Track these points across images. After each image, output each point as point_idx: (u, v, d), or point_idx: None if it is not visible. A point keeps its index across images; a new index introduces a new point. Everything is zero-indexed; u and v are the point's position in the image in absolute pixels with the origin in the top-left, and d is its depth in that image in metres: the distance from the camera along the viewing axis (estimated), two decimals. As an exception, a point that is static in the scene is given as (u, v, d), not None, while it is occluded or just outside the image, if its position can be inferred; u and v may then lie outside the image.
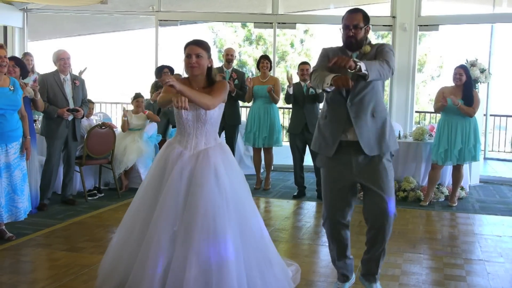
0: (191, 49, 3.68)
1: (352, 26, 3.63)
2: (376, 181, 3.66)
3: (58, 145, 6.71)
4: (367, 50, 3.67)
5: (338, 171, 3.76)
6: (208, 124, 3.73)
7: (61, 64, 6.68)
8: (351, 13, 3.69)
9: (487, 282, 4.38)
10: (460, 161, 7.12)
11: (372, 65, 3.39)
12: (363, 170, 3.70)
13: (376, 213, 3.67)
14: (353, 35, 3.64)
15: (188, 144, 3.72)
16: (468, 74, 7.09)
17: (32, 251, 5.01)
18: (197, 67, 3.67)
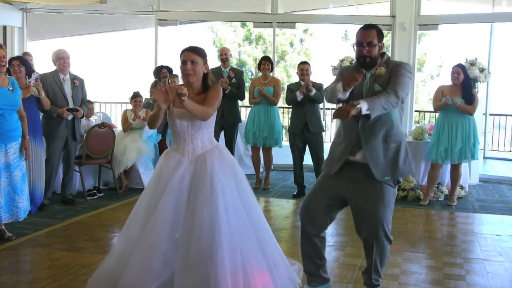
0: (186, 56, 3.67)
1: (366, 44, 3.51)
2: (373, 204, 3.54)
3: (58, 145, 6.71)
4: (382, 72, 3.52)
5: (335, 180, 3.66)
6: (203, 128, 3.73)
7: (61, 63, 6.68)
8: (365, 30, 3.55)
9: (486, 281, 4.38)
10: (460, 160, 7.12)
11: (376, 102, 3.28)
12: (361, 191, 3.57)
13: (366, 233, 3.59)
14: (366, 53, 3.51)
15: (185, 151, 3.72)
16: (466, 73, 7.09)
17: (31, 251, 5.01)
18: (192, 74, 3.66)
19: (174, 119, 3.72)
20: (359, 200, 3.59)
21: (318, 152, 7.53)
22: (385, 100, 3.32)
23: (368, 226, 3.57)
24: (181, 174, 3.62)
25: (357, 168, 3.58)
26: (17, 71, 6.10)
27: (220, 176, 3.60)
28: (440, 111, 7.21)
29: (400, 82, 3.43)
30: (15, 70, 6.09)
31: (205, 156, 3.67)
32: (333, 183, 3.67)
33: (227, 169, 3.70)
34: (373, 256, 3.60)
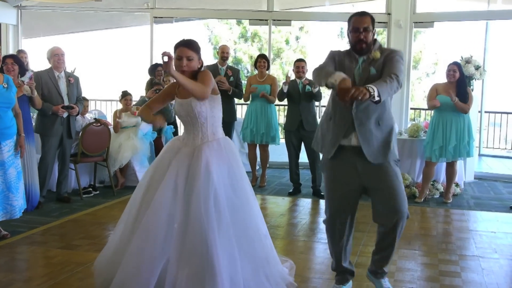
0: (181, 51, 3.66)
1: (363, 29, 3.53)
2: (386, 181, 3.56)
3: (53, 143, 6.69)
4: (377, 56, 3.55)
5: (344, 174, 3.65)
6: (202, 118, 3.72)
7: (55, 60, 6.66)
8: (360, 16, 3.58)
9: (481, 278, 4.40)
10: (455, 158, 7.14)
11: (383, 88, 3.26)
12: (370, 173, 3.59)
13: (388, 213, 3.57)
14: (363, 38, 3.53)
15: (187, 140, 3.77)
16: (461, 71, 7.10)
17: (27, 249, 5.00)
18: (187, 70, 3.67)
19: (176, 110, 3.82)
20: (373, 182, 3.60)
21: (316, 135, 7.53)
22: (390, 85, 3.33)
23: (391, 204, 3.56)
24: (177, 163, 3.63)
25: (357, 153, 3.58)
26: (11, 69, 6.08)
27: (215, 166, 3.58)
28: (435, 110, 7.22)
29: (398, 67, 3.47)
30: (8, 68, 6.07)
31: (202, 147, 3.67)
32: (343, 176, 3.66)
33: (224, 161, 3.68)
34: (396, 236, 3.62)
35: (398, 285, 4.20)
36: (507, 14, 9.71)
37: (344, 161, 3.64)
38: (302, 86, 7.44)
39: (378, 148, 3.56)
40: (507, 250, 5.24)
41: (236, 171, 3.75)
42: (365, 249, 5.03)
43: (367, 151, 3.53)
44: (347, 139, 3.60)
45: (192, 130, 3.75)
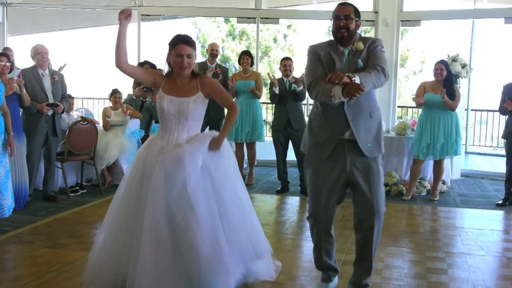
0: (183, 49, 3.66)
1: (344, 17, 3.51)
2: (369, 181, 3.58)
3: (38, 141, 6.64)
4: (360, 47, 3.53)
5: (330, 168, 3.62)
6: (190, 119, 3.74)
7: (39, 58, 6.61)
8: (342, 5, 3.58)
9: (468, 275, 4.43)
10: (442, 156, 7.18)
11: (367, 77, 3.28)
12: (357, 168, 3.59)
13: (366, 211, 3.60)
14: (344, 25, 3.50)
15: (169, 140, 3.74)
16: (449, 69, 7.15)
17: (13, 248, 4.97)
18: (187, 67, 3.69)
19: (163, 106, 3.74)
20: (358, 179, 3.59)
21: (303, 135, 7.55)
22: (376, 77, 3.34)
23: (367, 206, 3.59)
24: (163, 160, 3.62)
25: (347, 146, 3.57)
26: (5, 68, 6.04)
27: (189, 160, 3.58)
28: (423, 107, 7.26)
29: (382, 58, 3.50)
30: (2, 67, 6.01)
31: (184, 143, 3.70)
32: (330, 170, 3.63)
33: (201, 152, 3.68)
34: (373, 237, 3.64)
35: (386, 282, 4.22)
36: (493, 12, 9.78)
37: (333, 156, 3.61)
38: (289, 84, 7.45)
39: (372, 141, 3.57)
40: (493, 247, 5.29)
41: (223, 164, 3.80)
42: (352, 246, 5.03)
43: (362, 145, 3.53)
44: (342, 136, 3.58)
45: (177, 129, 3.74)
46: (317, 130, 3.68)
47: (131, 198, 3.70)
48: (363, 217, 3.64)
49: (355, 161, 3.59)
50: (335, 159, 3.61)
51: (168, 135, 3.75)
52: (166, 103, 3.73)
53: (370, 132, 3.58)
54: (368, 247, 3.69)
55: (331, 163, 3.62)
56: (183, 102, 3.71)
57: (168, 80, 3.82)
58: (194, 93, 3.77)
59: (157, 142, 3.76)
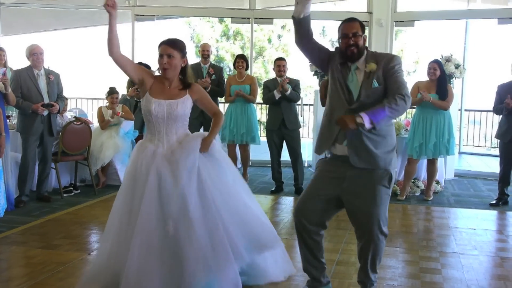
0: (163, 49, 3.71)
1: (352, 34, 3.47)
2: (366, 202, 3.46)
3: (33, 141, 6.62)
4: (373, 67, 3.45)
5: (331, 175, 3.56)
6: (179, 121, 3.77)
7: (34, 59, 6.58)
8: (349, 22, 3.53)
9: (461, 275, 4.44)
10: (435, 155, 7.20)
11: (378, 110, 3.28)
12: (354, 189, 3.48)
13: (362, 234, 3.51)
14: (353, 43, 3.46)
15: (160, 143, 3.75)
16: (442, 69, 7.17)
17: (7, 249, 4.94)
18: (168, 68, 3.70)
19: (150, 110, 3.73)
20: (354, 199, 3.51)
21: (295, 148, 7.57)
22: (389, 109, 3.30)
23: (364, 225, 3.50)
24: (156, 167, 3.62)
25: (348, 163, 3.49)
26: None
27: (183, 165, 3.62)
28: (416, 107, 7.28)
29: (403, 82, 3.45)
30: None
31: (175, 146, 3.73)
32: (327, 183, 3.58)
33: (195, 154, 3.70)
34: (370, 254, 3.55)
35: (380, 282, 4.22)
36: (486, 13, 9.83)
37: (335, 169, 3.56)
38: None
39: (367, 156, 3.45)
40: (487, 247, 5.30)
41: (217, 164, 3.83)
42: (346, 246, 5.06)
43: (352, 157, 3.45)
44: (338, 146, 3.54)
45: (166, 132, 3.75)
46: (322, 127, 3.67)
47: (125, 204, 3.70)
48: (360, 238, 3.57)
49: (354, 180, 3.48)
50: (336, 172, 3.55)
51: (157, 138, 3.76)
52: (154, 106, 3.72)
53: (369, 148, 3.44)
54: (365, 262, 3.61)
55: (333, 171, 3.57)
56: (172, 104, 3.73)
57: (157, 82, 3.81)
58: (182, 95, 3.80)
59: (147, 146, 3.76)
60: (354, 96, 3.48)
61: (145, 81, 3.80)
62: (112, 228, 3.77)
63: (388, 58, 3.52)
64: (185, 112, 3.79)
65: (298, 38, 3.54)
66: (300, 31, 3.50)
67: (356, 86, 3.50)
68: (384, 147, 3.49)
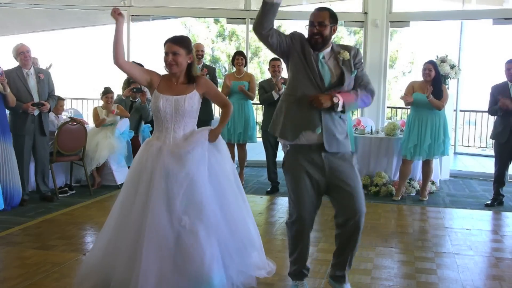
0: (168, 47, 3.74)
1: (317, 23, 3.54)
2: (349, 183, 3.56)
3: (26, 141, 6.60)
4: (347, 56, 3.57)
5: (310, 172, 3.58)
6: (187, 117, 3.77)
7: (22, 58, 6.56)
8: (318, 11, 3.61)
9: (457, 275, 4.45)
10: (430, 156, 7.22)
11: (352, 102, 3.49)
12: (335, 171, 3.57)
13: (350, 212, 3.55)
14: (317, 32, 3.54)
15: (166, 139, 3.76)
16: (437, 69, 7.18)
17: (2, 249, 4.93)
18: (174, 65, 3.73)
19: (158, 106, 3.75)
20: (339, 181, 3.57)
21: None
22: (361, 100, 3.54)
23: (352, 204, 3.54)
24: (162, 163, 3.63)
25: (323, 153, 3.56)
26: None
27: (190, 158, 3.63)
28: (411, 107, 7.29)
29: (368, 77, 3.67)
30: None
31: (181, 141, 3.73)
32: (311, 181, 3.60)
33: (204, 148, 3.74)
34: (355, 236, 3.59)
35: (375, 282, 4.23)
36: (481, 14, 9.85)
37: (308, 159, 3.59)
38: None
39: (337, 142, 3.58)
40: (482, 247, 5.32)
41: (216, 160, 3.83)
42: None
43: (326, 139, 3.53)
44: (311, 133, 3.57)
45: (173, 128, 3.76)
46: (289, 110, 3.73)
47: (127, 202, 3.69)
48: (348, 217, 3.57)
49: (332, 165, 3.57)
50: (313, 161, 3.59)
51: (165, 135, 3.77)
52: (162, 102, 3.74)
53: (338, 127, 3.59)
54: (350, 246, 3.66)
55: (309, 166, 3.59)
56: (179, 100, 3.74)
57: (164, 79, 3.85)
58: (190, 91, 3.81)
59: (154, 143, 3.77)
60: (325, 82, 3.55)
61: (153, 81, 3.84)
62: (109, 226, 3.76)
63: (355, 50, 3.67)
64: (193, 108, 3.79)
65: (264, 24, 3.60)
66: (268, 16, 3.55)
67: (327, 73, 3.58)
68: (344, 131, 3.65)
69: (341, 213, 3.62)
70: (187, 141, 3.73)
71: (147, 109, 8.18)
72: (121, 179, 7.74)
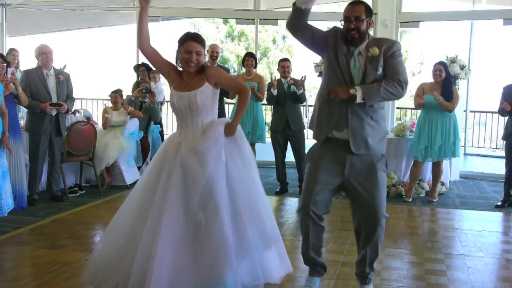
0: (192, 46, 3.67)
1: (354, 18, 3.43)
2: (369, 188, 3.52)
3: (42, 140, 6.64)
4: (375, 52, 3.46)
5: (331, 164, 3.57)
6: (202, 111, 3.74)
7: (43, 58, 6.61)
8: (353, 5, 3.49)
9: (467, 277, 4.43)
10: (440, 158, 7.18)
11: (373, 91, 3.38)
12: (357, 174, 3.54)
13: (367, 220, 3.54)
14: (354, 27, 3.43)
15: (186, 135, 3.74)
16: (447, 70, 7.15)
17: (12, 248, 4.96)
18: (196, 64, 3.70)
19: (173, 103, 3.76)
20: (358, 185, 3.55)
21: (300, 149, 7.55)
22: (385, 90, 3.39)
23: (369, 209, 3.53)
24: (180, 159, 3.61)
25: (348, 148, 3.53)
26: (1, 68, 6.04)
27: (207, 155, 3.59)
28: (421, 109, 7.27)
29: (401, 68, 3.49)
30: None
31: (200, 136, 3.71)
32: (329, 172, 3.58)
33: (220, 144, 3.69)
34: (375, 239, 3.57)
35: (385, 283, 4.22)
36: (491, 14, 9.79)
37: (335, 155, 3.57)
38: (287, 86, 7.44)
39: (365, 144, 3.52)
40: (492, 249, 5.29)
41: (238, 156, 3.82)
42: (351, 247, 5.04)
43: (353, 142, 3.50)
44: (339, 131, 3.55)
45: (191, 124, 3.74)
46: (322, 106, 3.65)
47: (145, 198, 3.68)
48: (364, 225, 3.58)
49: (354, 166, 3.54)
50: (337, 158, 3.57)
51: (185, 130, 3.76)
52: (176, 99, 3.74)
53: (369, 134, 3.53)
54: (368, 246, 3.64)
55: (331, 162, 3.58)
56: (191, 96, 3.70)
57: (178, 76, 3.82)
58: (201, 85, 3.75)
59: (175, 139, 3.78)
60: (355, 82, 3.48)
61: (170, 74, 3.82)
62: (124, 222, 3.75)
63: (389, 43, 3.54)
64: (207, 102, 3.73)
65: (295, 26, 3.54)
66: (299, 20, 3.48)
67: (359, 72, 3.51)
68: (378, 134, 3.59)
69: (357, 218, 3.64)
70: (204, 137, 3.68)
71: (156, 110, 8.21)
72: (131, 179, 7.77)
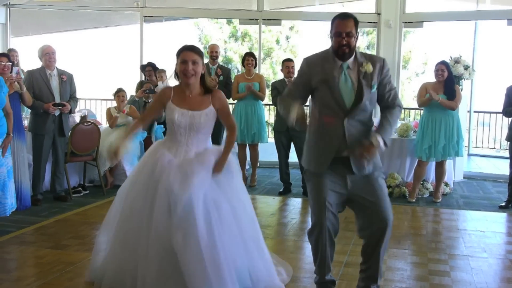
0: (187, 55, 3.59)
1: (345, 34, 3.36)
2: (374, 193, 3.49)
3: (46, 140, 6.66)
4: (370, 69, 3.41)
5: (333, 182, 3.50)
6: (201, 133, 3.70)
7: (46, 59, 6.63)
8: (343, 19, 3.40)
9: (470, 277, 4.42)
10: (444, 157, 7.17)
11: (388, 132, 3.46)
12: (359, 184, 3.50)
13: (377, 223, 3.48)
14: (346, 43, 3.36)
15: (177, 152, 3.67)
16: (450, 70, 7.13)
17: (16, 248, 4.97)
18: (193, 74, 3.61)
19: (173, 119, 3.66)
20: (362, 195, 3.51)
21: (303, 149, 7.54)
22: (394, 124, 3.51)
23: (376, 217, 3.48)
24: (168, 175, 3.53)
25: (346, 164, 3.49)
26: (5, 68, 6.05)
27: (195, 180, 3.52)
28: (424, 108, 7.26)
29: (396, 91, 3.58)
30: (3, 67, 6.03)
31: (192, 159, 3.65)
32: (332, 182, 3.52)
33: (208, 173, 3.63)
34: (385, 239, 3.51)
35: (388, 284, 4.21)
36: (495, 14, 9.79)
37: (334, 171, 3.51)
38: (291, 85, 7.43)
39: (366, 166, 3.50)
40: (496, 249, 5.28)
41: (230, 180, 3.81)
42: (355, 248, 5.04)
43: (354, 163, 3.47)
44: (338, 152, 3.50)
45: (186, 143, 3.68)
46: (314, 144, 3.62)
47: (136, 206, 3.64)
48: (373, 229, 3.51)
49: (355, 179, 3.51)
50: (336, 173, 3.51)
51: (176, 147, 3.68)
52: (177, 116, 3.64)
53: None
54: (375, 257, 3.57)
55: (332, 177, 3.52)
56: (195, 116, 3.64)
57: (177, 90, 3.73)
58: (206, 106, 3.70)
59: (164, 152, 3.66)
60: (344, 97, 3.42)
61: (164, 99, 3.72)
62: (116, 227, 3.75)
63: (381, 61, 3.50)
64: (208, 124, 3.71)
65: None
66: None
67: (350, 86, 3.43)
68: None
69: (366, 226, 3.57)
70: (196, 160, 3.62)
71: (160, 110, 8.20)
72: (134, 179, 7.77)
